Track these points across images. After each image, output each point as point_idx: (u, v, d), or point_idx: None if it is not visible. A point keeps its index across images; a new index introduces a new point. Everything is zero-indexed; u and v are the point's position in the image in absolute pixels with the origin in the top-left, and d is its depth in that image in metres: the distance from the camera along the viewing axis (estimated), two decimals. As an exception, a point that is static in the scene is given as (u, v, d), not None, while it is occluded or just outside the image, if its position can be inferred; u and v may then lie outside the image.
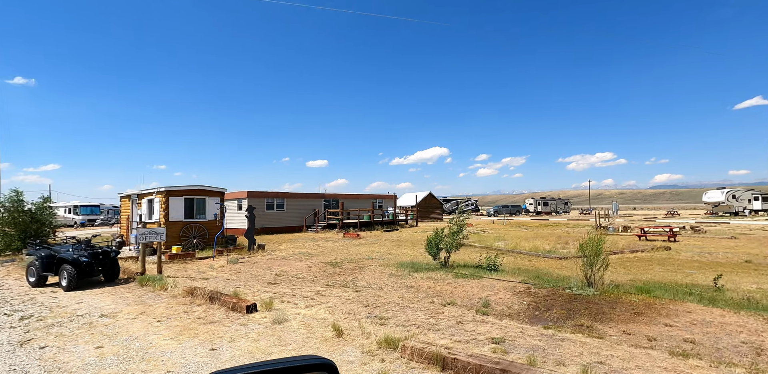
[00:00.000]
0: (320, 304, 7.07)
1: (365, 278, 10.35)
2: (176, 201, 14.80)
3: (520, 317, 6.92)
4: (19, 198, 15.39)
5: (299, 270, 11.66)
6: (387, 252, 15.72)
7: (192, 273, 10.92)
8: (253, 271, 11.53)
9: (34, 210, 15.48)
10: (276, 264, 12.74)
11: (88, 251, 8.76)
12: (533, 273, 10.52)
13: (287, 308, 6.80)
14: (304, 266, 12.39)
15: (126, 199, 17.72)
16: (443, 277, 9.95)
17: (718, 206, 47.66)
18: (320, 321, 5.98)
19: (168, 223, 14.54)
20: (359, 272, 11.16)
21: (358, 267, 11.96)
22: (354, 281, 10.03)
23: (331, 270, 11.63)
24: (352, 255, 14.88)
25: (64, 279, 8.49)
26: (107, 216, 44.72)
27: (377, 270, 11.36)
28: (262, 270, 11.67)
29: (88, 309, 7.02)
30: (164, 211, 14.50)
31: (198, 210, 15.62)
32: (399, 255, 14.63)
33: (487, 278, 9.73)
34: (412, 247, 17.33)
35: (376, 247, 17.47)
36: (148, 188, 15.70)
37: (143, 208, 15.93)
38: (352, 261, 13.17)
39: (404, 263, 12.37)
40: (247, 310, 6.48)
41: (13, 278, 10.35)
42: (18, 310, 7.04)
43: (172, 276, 9.84)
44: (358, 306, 6.88)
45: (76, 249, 8.94)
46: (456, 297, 8.26)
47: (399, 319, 6.03)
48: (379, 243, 19.56)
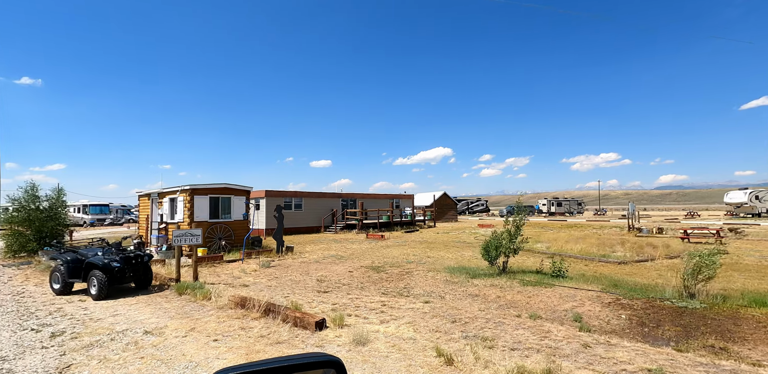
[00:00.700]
0: (395, 319, 6.09)
1: (419, 285, 9.37)
2: (201, 200, 13.88)
3: (629, 335, 5.93)
4: (35, 194, 14.48)
5: (341, 276, 10.70)
6: (423, 255, 14.74)
7: (227, 279, 9.97)
8: (292, 276, 10.57)
9: (49, 207, 14.55)
10: (312, 269, 11.79)
11: (120, 255, 7.82)
12: (604, 280, 9.51)
13: (360, 324, 5.82)
14: (344, 270, 11.42)
15: (145, 198, 16.82)
16: (508, 285, 8.96)
17: (741, 207, 46.38)
18: (410, 343, 5.00)
19: (192, 224, 13.59)
20: (409, 278, 10.19)
21: (404, 272, 10.98)
22: (408, 288, 9.06)
23: (375, 275, 10.66)
24: (388, 258, 13.92)
25: (93, 287, 7.56)
26: (116, 216, 43.98)
27: (428, 275, 10.38)
28: (300, 275, 10.71)
29: (127, 323, 6.07)
30: (189, 211, 13.58)
31: (223, 209, 14.69)
32: (439, 259, 13.64)
33: (558, 286, 8.73)
34: (446, 250, 16.35)
35: (407, 250, 16.50)
36: (170, 186, 14.77)
37: (164, 208, 15.01)
38: (394, 265, 12.19)
39: (453, 268, 11.39)
40: (316, 327, 5.51)
41: (34, 284, 9.43)
42: (47, 324, 6.10)
43: (208, 283, 8.89)
44: (443, 322, 5.89)
45: (106, 252, 8.00)
46: (536, 309, 7.27)
47: (505, 340, 5.04)
48: (407, 245, 18.59)
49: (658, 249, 14.47)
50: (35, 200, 14.36)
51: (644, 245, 15.59)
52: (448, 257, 14.16)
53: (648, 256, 13.15)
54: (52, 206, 14.54)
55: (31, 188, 14.39)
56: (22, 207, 14.15)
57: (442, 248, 17.01)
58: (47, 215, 14.41)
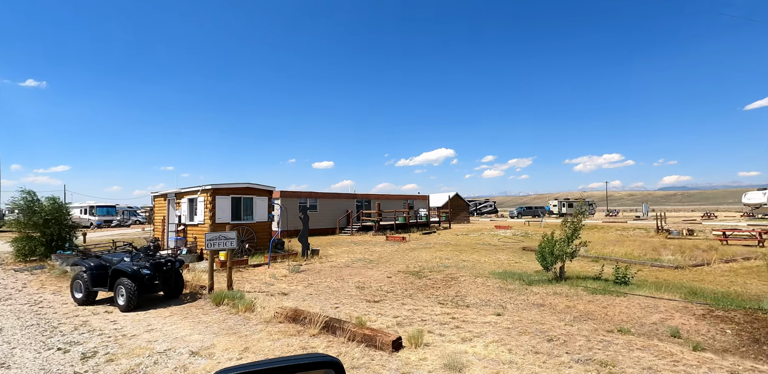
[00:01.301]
0: (477, 336, 5.26)
1: (471, 293, 8.55)
2: (223, 200, 13.08)
3: (751, 355, 5.09)
4: (35, 198, 13.71)
5: (380, 282, 9.88)
6: (456, 258, 13.90)
7: (259, 286, 9.16)
8: (327, 282, 9.76)
9: (49, 211, 13.77)
10: (346, 274, 10.97)
11: (150, 261, 7.01)
12: (676, 287, 8.66)
13: (440, 342, 5.00)
14: (381, 276, 10.60)
15: (161, 199, 16.04)
16: (573, 293, 8.12)
17: (759, 208, 45.35)
18: (514, 369, 4.17)
19: (214, 225, 12.78)
20: (457, 285, 9.36)
21: (448, 278, 10.15)
22: (461, 297, 8.24)
23: (418, 282, 9.83)
24: (421, 262, 13.10)
25: (121, 297, 6.75)
26: (123, 218, 43.31)
27: (476, 282, 9.55)
28: (336, 282, 9.90)
29: (167, 341, 5.26)
30: (210, 212, 12.78)
31: (245, 210, 13.89)
32: (476, 263, 12.81)
33: (631, 294, 7.88)
34: (477, 253, 15.51)
35: (436, 253, 15.67)
36: (188, 186, 13.99)
37: (183, 209, 14.23)
38: (432, 270, 11.37)
39: (499, 273, 10.55)
40: (393, 347, 4.68)
41: (51, 291, 8.63)
42: (74, 342, 5.29)
43: (243, 291, 8.08)
44: (536, 340, 5.06)
45: (134, 258, 7.19)
46: (618, 322, 6.44)
47: (629, 366, 4.20)
48: (433, 247, 17.75)
49: (708, 252, 13.60)
50: (34, 204, 13.60)
51: (689, 248, 14.71)
52: (485, 261, 13.32)
53: (702, 260, 12.28)
54: (52, 210, 13.76)
55: (29, 195, 13.64)
56: (25, 212, 13.37)
57: (471, 251, 16.18)
58: (52, 219, 13.63)
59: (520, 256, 14.39)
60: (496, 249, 16.78)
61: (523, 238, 22.61)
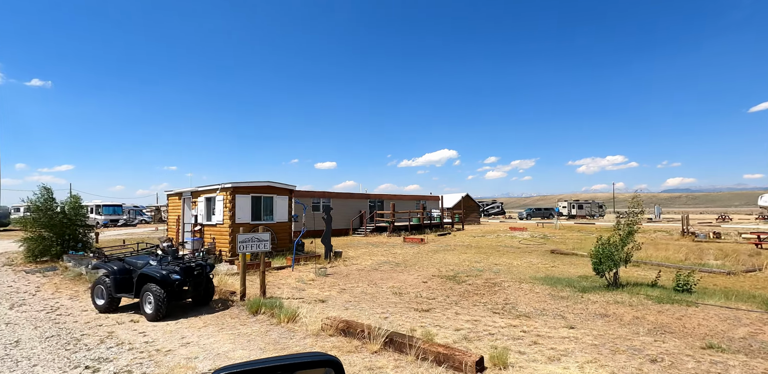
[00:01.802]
0: (564, 355, 4.58)
1: (521, 300, 7.88)
2: (243, 199, 12.45)
3: None
4: (51, 197, 13.13)
5: (416, 287, 9.23)
6: (487, 262, 13.22)
7: (290, 291, 8.51)
8: (360, 288, 9.11)
9: (67, 210, 13.20)
10: (377, 278, 10.32)
11: (180, 265, 6.37)
12: (743, 296, 7.97)
13: (524, 362, 4.33)
14: (415, 281, 9.94)
15: (175, 198, 15.43)
16: (637, 302, 7.44)
17: (777, 210, 44.46)
18: (633, 399, 3.49)
19: (234, 226, 12.18)
20: (501, 291, 8.69)
21: (489, 283, 9.48)
22: (511, 305, 7.57)
23: (458, 287, 9.17)
24: (450, 265, 12.43)
25: (148, 304, 6.12)
26: (129, 217, 42.84)
27: (522, 288, 8.88)
28: (369, 286, 9.26)
29: (208, 357, 4.61)
30: (230, 212, 12.15)
31: (265, 210, 13.26)
32: (510, 267, 12.13)
33: (703, 304, 7.19)
34: (504, 256, 14.82)
35: (461, 255, 15.00)
36: (205, 185, 13.38)
37: (199, 208, 13.61)
38: (467, 274, 10.69)
39: (543, 278, 9.88)
40: (476, 369, 4.02)
41: (67, 296, 8.00)
42: (103, 358, 4.65)
43: (276, 297, 7.43)
44: (637, 360, 4.38)
45: (161, 261, 6.55)
46: (700, 335, 5.77)
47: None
48: (455, 249, 17.08)
49: (755, 257, 12.88)
50: (51, 203, 13.02)
51: (731, 253, 14.00)
52: (517, 264, 12.64)
53: (753, 266, 11.56)
54: (69, 209, 13.18)
55: (46, 192, 13.05)
56: (39, 209, 12.78)
57: (498, 254, 15.49)
58: (66, 217, 13.04)
59: (552, 260, 13.70)
60: (522, 252, 16.09)
61: (544, 241, 21.89)
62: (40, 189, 13.04)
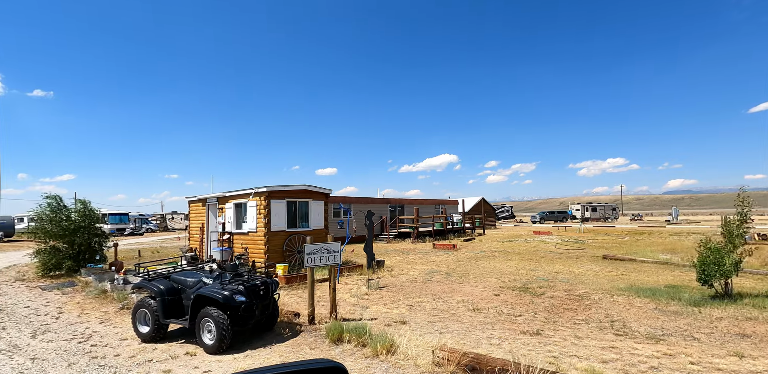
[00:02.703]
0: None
1: (626, 317, 6.73)
2: (278, 205, 11.32)
3: None
4: (61, 204, 11.98)
5: (489, 301, 8.08)
6: (544, 270, 12.06)
7: (352, 309, 7.34)
8: (427, 302, 7.96)
9: (75, 217, 12.04)
10: (437, 291, 9.16)
11: (243, 283, 5.21)
12: None
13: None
14: (484, 293, 8.78)
15: (198, 204, 14.30)
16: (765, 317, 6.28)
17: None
18: None
19: (269, 234, 11.04)
20: (593, 305, 7.54)
21: (572, 296, 8.32)
22: (620, 323, 6.42)
23: (538, 300, 8.01)
24: (507, 274, 11.27)
25: (207, 333, 4.96)
26: (136, 225, 41.68)
27: (617, 301, 7.72)
28: (435, 301, 8.11)
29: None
30: (265, 218, 11.01)
31: (301, 216, 12.12)
32: (575, 275, 10.95)
33: None
34: (555, 262, 13.65)
35: (509, 262, 13.84)
36: (234, 190, 12.26)
37: (227, 215, 12.47)
38: (540, 285, 9.52)
39: (629, 289, 8.72)
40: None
41: (98, 320, 6.83)
42: (172, 414, 3.49)
43: (348, 319, 6.28)
44: None
45: (218, 278, 5.39)
46: None
47: None
48: (496, 256, 15.91)
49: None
50: (62, 211, 11.87)
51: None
52: (579, 272, 11.46)
53: None
54: (82, 217, 12.03)
55: (55, 201, 11.90)
56: (51, 219, 11.62)
57: (545, 260, 14.32)
58: (81, 227, 11.90)
59: (613, 267, 12.51)
60: (569, 258, 14.91)
61: (580, 245, 20.71)
62: (46, 197, 11.88)
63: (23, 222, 37.46)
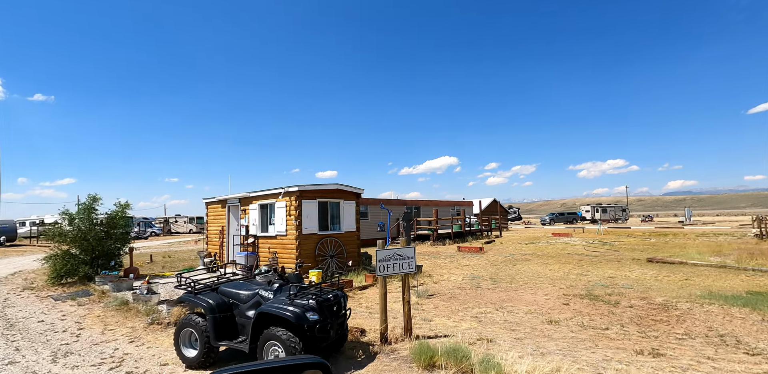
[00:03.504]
0: None
1: (734, 331, 5.83)
2: (309, 205, 10.42)
3: None
4: (93, 206, 11.10)
5: (560, 311, 7.18)
6: (594, 273, 11.16)
7: (417, 324, 6.42)
8: (491, 313, 7.09)
9: (107, 222, 11.19)
10: (494, 298, 8.26)
11: (314, 298, 4.27)
12: None
13: None
14: (548, 301, 7.88)
15: (217, 206, 13.39)
16: None
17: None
18: None
19: (300, 237, 10.12)
20: (686, 316, 6.64)
21: (655, 305, 7.41)
22: (732, 338, 5.51)
23: (618, 311, 7.10)
24: (559, 279, 10.37)
25: (274, 358, 4.04)
26: (141, 229, 40.79)
27: (712, 311, 6.82)
28: (499, 311, 7.23)
29: None
30: (296, 220, 10.10)
31: (332, 218, 11.22)
32: (637, 281, 10.03)
33: None
34: (599, 266, 12.75)
35: (550, 266, 12.94)
36: (259, 190, 11.36)
37: (251, 217, 11.56)
38: (605, 292, 8.61)
39: (715, 296, 7.82)
40: None
41: (126, 337, 5.91)
42: None
43: (424, 337, 5.36)
44: None
45: (279, 291, 4.46)
46: None
47: None
48: (531, 259, 15.01)
49: None
50: (92, 213, 11.00)
51: None
52: (636, 277, 10.55)
53: None
54: (110, 220, 11.18)
55: (93, 201, 11.04)
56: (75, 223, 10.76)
57: (586, 264, 13.40)
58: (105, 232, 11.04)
59: (669, 271, 11.59)
60: (611, 262, 14.00)
61: (610, 247, 19.79)
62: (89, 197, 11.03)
63: (25, 226, 36.53)
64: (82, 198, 11.25)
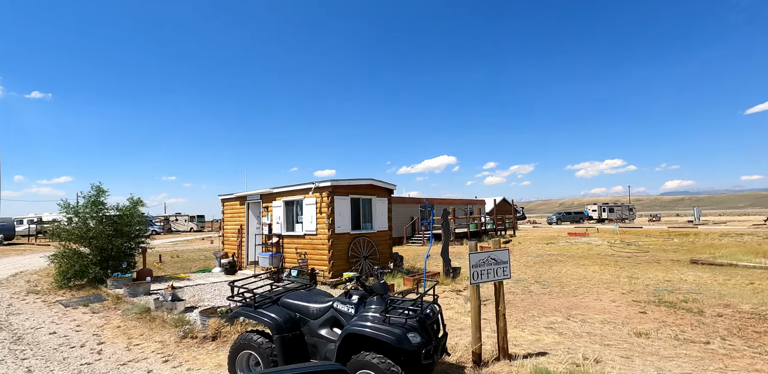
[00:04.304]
0: None
1: None
2: (342, 202, 9.56)
3: None
4: (100, 200, 10.19)
5: (639, 320, 6.38)
6: (645, 276, 10.35)
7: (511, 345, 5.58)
8: (569, 324, 6.23)
9: (119, 219, 10.29)
10: (556, 305, 7.43)
11: (414, 315, 3.37)
12: None
13: None
14: (621, 309, 7.06)
15: (235, 203, 12.49)
16: None
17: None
18: None
19: (333, 237, 9.26)
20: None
21: (743, 313, 6.60)
22: None
23: (709, 321, 6.28)
24: (609, 283, 9.57)
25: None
26: (141, 228, 39.69)
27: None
28: (572, 321, 6.40)
29: None
30: (328, 218, 9.23)
31: (364, 216, 10.35)
32: (697, 285, 9.23)
33: None
34: (642, 267, 11.95)
35: (591, 267, 12.17)
36: (284, 185, 10.48)
37: (275, 215, 10.68)
38: (683, 298, 7.80)
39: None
40: None
41: (157, 355, 5.02)
42: None
43: (520, 356, 4.52)
44: None
45: (362, 305, 3.57)
46: None
47: None
48: (564, 260, 14.22)
49: None
50: (101, 208, 10.10)
51: None
52: (697, 281, 9.75)
53: None
54: (124, 216, 10.30)
55: (97, 193, 10.14)
56: (80, 217, 9.87)
57: (625, 265, 12.60)
58: (115, 229, 10.14)
59: (725, 274, 10.79)
60: (650, 263, 13.21)
61: (638, 248, 19.03)
62: (92, 188, 10.14)
63: (23, 224, 35.43)
64: (73, 199, 10.36)
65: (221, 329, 5.42)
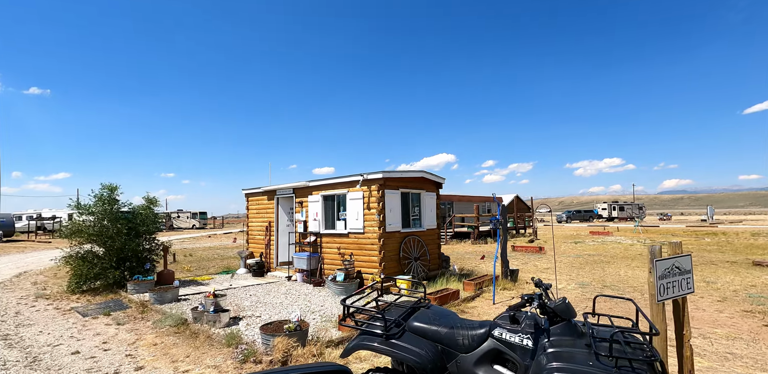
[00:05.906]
0: None
1: None
2: (392, 197, 8.49)
3: None
4: (113, 198, 9.09)
5: (760, 333, 5.33)
6: (715, 280, 9.34)
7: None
8: (692, 340, 5.18)
9: (133, 218, 9.21)
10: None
11: (598, 339, 2.34)
12: None
13: None
14: (734, 321, 6.03)
15: (263, 198, 11.39)
16: None
17: None
18: None
19: (384, 235, 8.19)
20: None
21: None
22: None
23: None
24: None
25: None
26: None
27: None
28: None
29: None
30: (379, 215, 8.15)
31: (413, 212, 9.29)
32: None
33: None
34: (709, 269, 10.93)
35: (635, 270, 11.14)
36: (322, 178, 9.41)
37: (311, 210, 9.60)
38: None
39: None
40: None
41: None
42: None
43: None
44: None
45: (546, 335, 2.53)
46: None
47: None
48: (604, 261, 13.25)
49: None
50: (115, 206, 9.01)
51: None
52: (750, 283, 8.76)
53: None
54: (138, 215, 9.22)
55: (110, 191, 9.05)
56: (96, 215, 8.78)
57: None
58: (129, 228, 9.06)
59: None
60: (703, 265, 12.20)
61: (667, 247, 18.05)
62: (102, 187, 9.05)
63: (22, 221, 34.24)
64: (82, 192, 9.34)
65: (291, 351, 4.35)
